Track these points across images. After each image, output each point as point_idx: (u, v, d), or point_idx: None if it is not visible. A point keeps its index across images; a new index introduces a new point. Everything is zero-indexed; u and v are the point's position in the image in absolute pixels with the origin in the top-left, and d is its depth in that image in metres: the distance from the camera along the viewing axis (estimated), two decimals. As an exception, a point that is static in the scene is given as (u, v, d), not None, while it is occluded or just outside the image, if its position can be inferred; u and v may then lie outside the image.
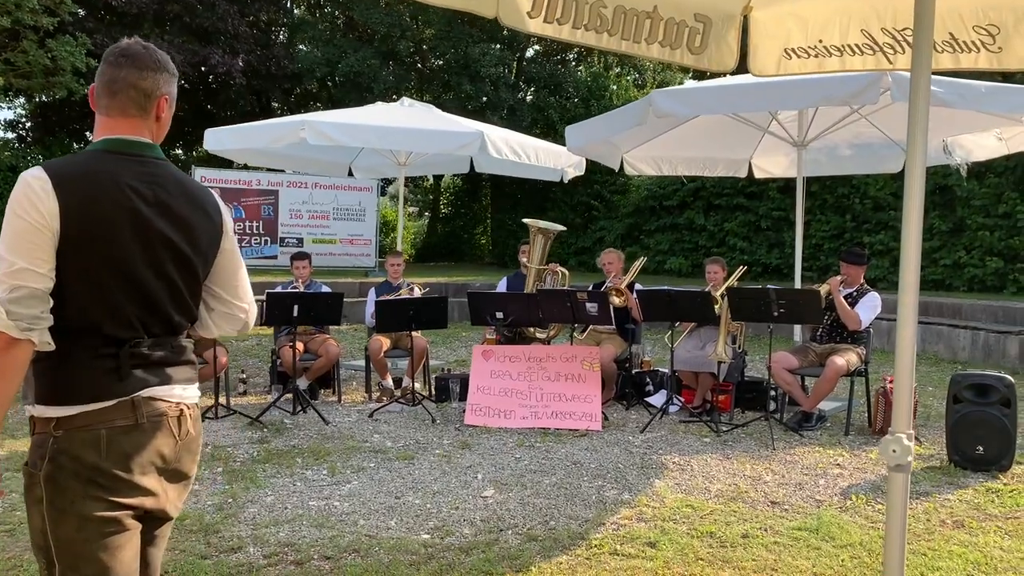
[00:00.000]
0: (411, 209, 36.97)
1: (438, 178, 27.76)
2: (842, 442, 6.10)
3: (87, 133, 23.22)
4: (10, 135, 21.27)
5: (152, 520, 2.10)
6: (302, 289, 7.37)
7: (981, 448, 5.22)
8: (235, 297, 2.27)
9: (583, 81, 21.86)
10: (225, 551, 3.89)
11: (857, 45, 2.90)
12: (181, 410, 2.10)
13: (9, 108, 21.61)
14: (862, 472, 5.27)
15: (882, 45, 2.86)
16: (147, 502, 2.05)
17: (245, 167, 16.55)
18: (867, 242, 15.33)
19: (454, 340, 11.39)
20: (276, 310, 6.53)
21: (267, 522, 4.26)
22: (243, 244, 16.46)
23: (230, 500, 4.59)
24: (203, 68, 19.55)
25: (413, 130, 7.72)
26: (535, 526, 4.24)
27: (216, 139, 8.30)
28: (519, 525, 4.25)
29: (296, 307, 6.51)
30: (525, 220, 7.55)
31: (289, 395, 6.78)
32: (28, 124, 21.96)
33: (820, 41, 2.96)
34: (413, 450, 5.70)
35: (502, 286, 7.72)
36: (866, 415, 6.69)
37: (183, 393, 2.11)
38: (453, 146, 7.68)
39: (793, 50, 3.03)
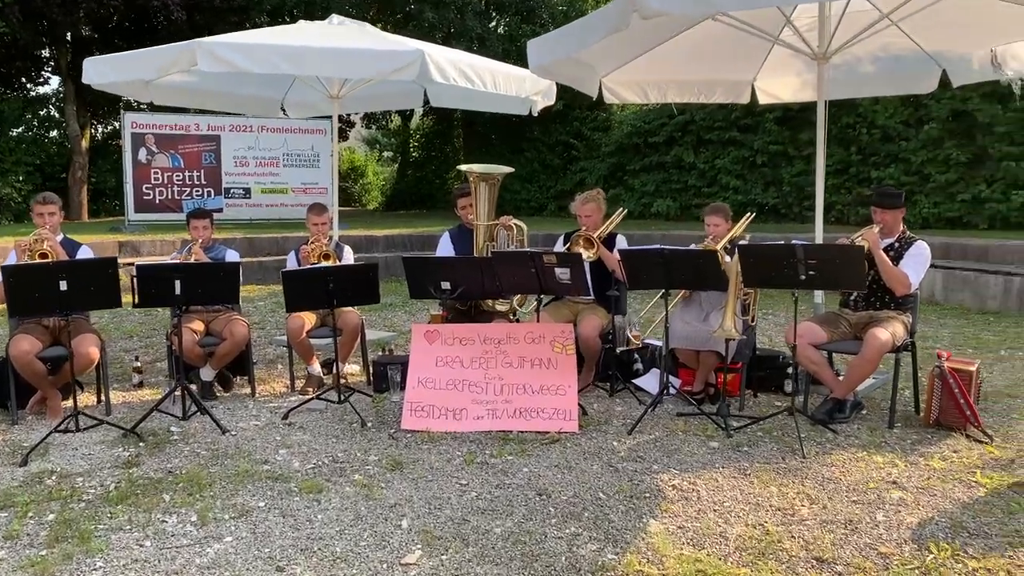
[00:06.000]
0: (386, 154, 35.22)
1: (407, 119, 25.98)
2: (888, 440, 4.71)
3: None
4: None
5: None
6: (202, 255, 5.85)
7: (1092, 459, 3.84)
8: None
9: (558, 7, 20.04)
10: None
11: None
12: None
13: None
14: (929, 494, 3.88)
15: None
16: None
17: (182, 110, 14.82)
18: (876, 177, 13.85)
19: (414, 303, 9.87)
20: (151, 288, 5.01)
21: (71, 627, 2.83)
22: (184, 196, 14.86)
23: (35, 580, 3.16)
24: (137, 1, 17.60)
25: (335, 50, 6.07)
26: (473, 623, 2.83)
27: (97, 71, 6.61)
28: (449, 621, 2.84)
29: (178, 283, 5.00)
30: (461, 167, 6.05)
31: (193, 392, 5.30)
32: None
33: None
34: (326, 474, 4.26)
35: (443, 244, 6.19)
36: (911, 398, 5.32)
37: None
38: (386, 69, 6.05)
39: None
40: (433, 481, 4.12)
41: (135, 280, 4.96)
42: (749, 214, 5.82)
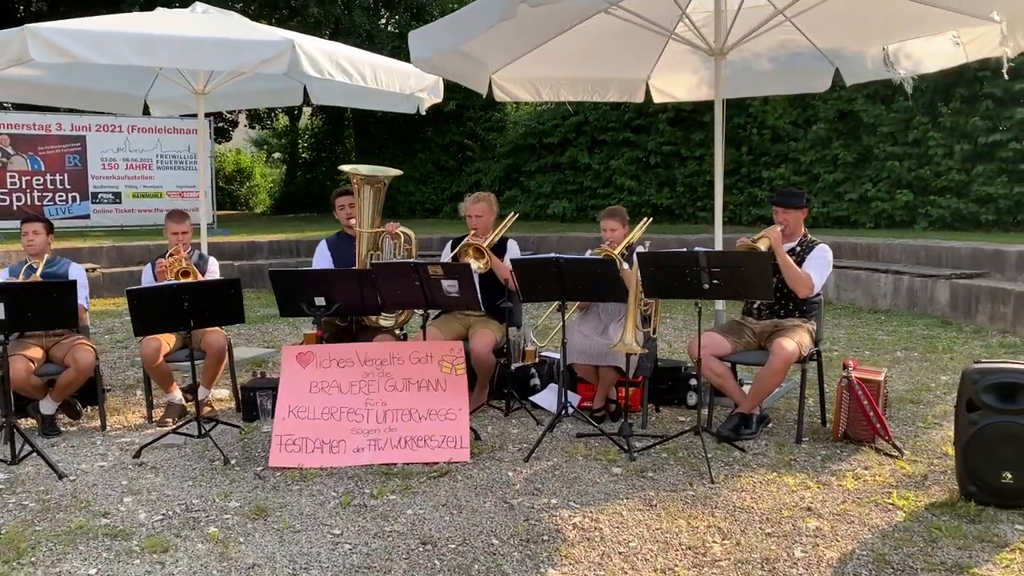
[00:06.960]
0: (275, 155, 33.95)
1: (295, 119, 25.02)
2: (797, 458, 4.45)
3: None
4: None
5: None
6: (38, 269, 5.13)
7: (1010, 475, 3.63)
8: None
9: (449, 4, 19.56)
10: None
11: None
12: None
13: None
14: (846, 521, 3.60)
15: None
16: None
17: (46, 109, 13.61)
18: (767, 177, 13.96)
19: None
20: (-33, 313, 4.29)
21: None
22: (46, 202, 13.67)
23: None
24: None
25: (192, 40, 5.42)
26: None
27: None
28: None
29: (1, 306, 4.29)
30: (343, 167, 5.53)
31: (23, 430, 4.58)
32: None
33: None
34: (176, 527, 3.67)
35: (320, 254, 5.63)
36: (816, 408, 5.11)
37: None
38: (251, 61, 5.44)
39: None
40: (301, 532, 3.58)
41: (-54, 304, 4.22)
42: (646, 218, 5.50)
